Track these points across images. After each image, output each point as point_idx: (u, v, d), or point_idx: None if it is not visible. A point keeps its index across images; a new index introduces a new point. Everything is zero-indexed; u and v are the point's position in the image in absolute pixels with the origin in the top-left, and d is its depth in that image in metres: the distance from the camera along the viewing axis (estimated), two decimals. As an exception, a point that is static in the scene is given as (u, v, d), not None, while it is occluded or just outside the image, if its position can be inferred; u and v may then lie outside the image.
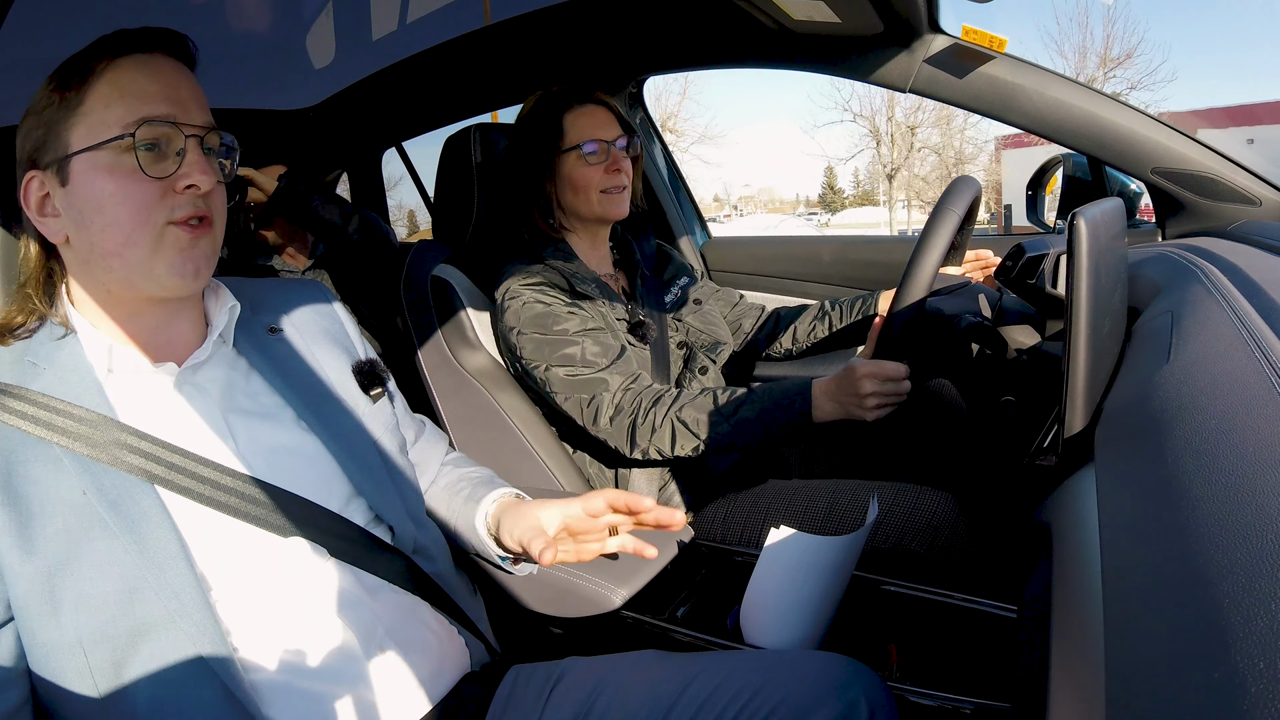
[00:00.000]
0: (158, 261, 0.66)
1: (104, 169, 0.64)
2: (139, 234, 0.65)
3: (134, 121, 0.64)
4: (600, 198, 1.23)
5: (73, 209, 0.65)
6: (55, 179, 0.65)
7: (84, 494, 0.62)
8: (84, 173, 0.64)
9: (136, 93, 0.65)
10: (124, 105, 0.64)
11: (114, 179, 0.64)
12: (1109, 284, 0.65)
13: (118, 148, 0.64)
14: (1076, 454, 0.61)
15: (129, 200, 0.64)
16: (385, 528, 0.76)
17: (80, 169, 0.64)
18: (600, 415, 1.13)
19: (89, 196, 0.64)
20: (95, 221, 0.65)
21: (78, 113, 0.64)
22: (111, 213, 0.64)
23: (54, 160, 0.65)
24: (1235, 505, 0.33)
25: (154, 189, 0.65)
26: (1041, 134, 1.29)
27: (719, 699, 0.68)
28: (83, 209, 0.65)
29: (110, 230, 0.65)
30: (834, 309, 1.40)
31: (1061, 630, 0.47)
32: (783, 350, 1.45)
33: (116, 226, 0.64)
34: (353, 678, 0.67)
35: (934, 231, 1.00)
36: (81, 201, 0.65)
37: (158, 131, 0.65)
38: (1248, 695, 0.24)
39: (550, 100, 1.24)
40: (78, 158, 0.64)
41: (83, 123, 0.64)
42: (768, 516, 1.14)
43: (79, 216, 0.65)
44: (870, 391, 1.00)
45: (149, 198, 0.65)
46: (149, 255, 0.66)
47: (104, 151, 0.64)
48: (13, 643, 0.60)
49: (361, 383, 0.83)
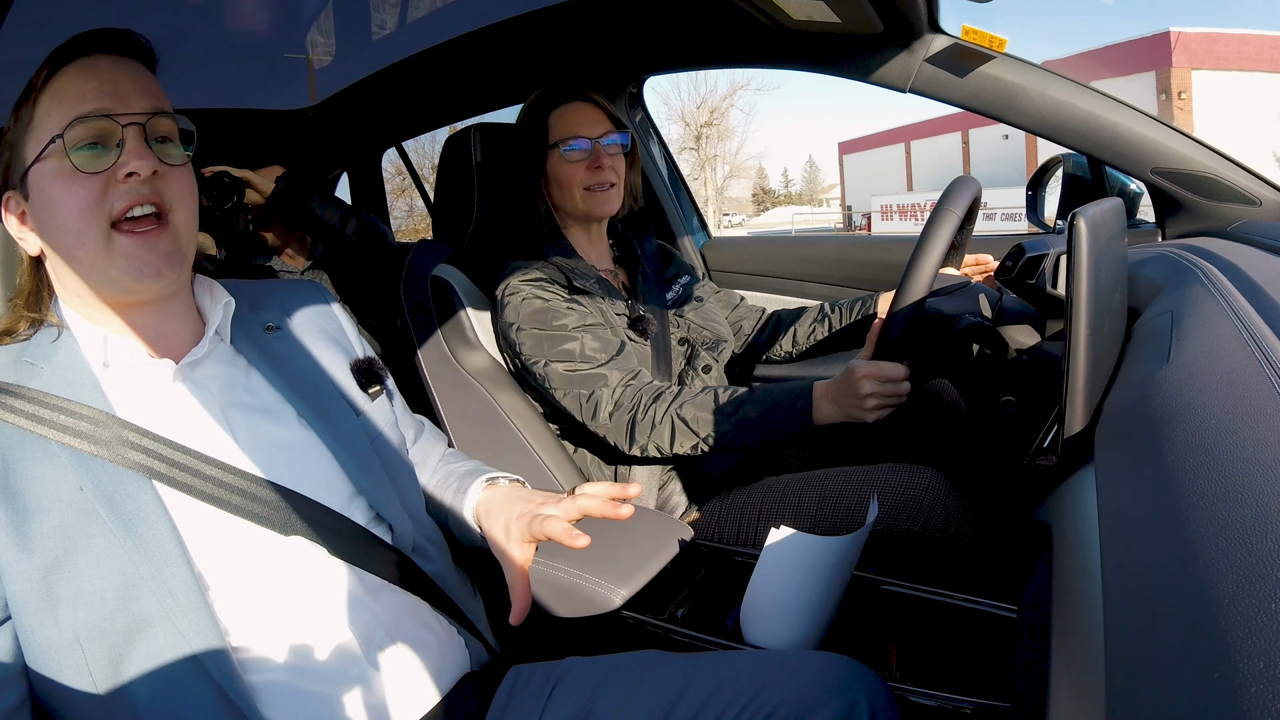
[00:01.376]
0: (111, 265, 0.66)
1: (49, 175, 0.65)
2: (86, 234, 0.65)
3: (67, 123, 0.65)
4: (584, 195, 1.23)
5: (36, 220, 0.67)
6: (21, 194, 0.68)
7: (81, 490, 0.62)
8: (36, 183, 0.66)
9: (73, 95, 0.65)
10: (61, 110, 0.65)
11: (58, 183, 0.65)
12: (1109, 284, 0.65)
13: (57, 152, 0.65)
14: (1076, 454, 0.61)
15: (71, 201, 0.65)
16: (385, 526, 0.76)
17: (34, 181, 0.66)
18: (599, 411, 1.13)
19: (43, 205, 0.66)
20: (49, 227, 0.66)
21: (29, 127, 0.66)
22: (60, 216, 0.66)
23: (18, 177, 0.67)
24: (1235, 505, 0.33)
25: (94, 185, 0.65)
26: (1042, 134, 1.29)
27: (719, 700, 0.68)
28: (40, 217, 0.67)
29: (61, 234, 0.66)
30: (834, 311, 1.40)
31: (1061, 630, 0.47)
32: (783, 353, 1.45)
33: (65, 229, 0.66)
34: (352, 678, 0.67)
35: (933, 233, 1.00)
36: (39, 211, 0.67)
37: (91, 127, 0.65)
38: (1248, 695, 0.24)
39: (540, 99, 1.26)
40: (31, 170, 0.66)
41: (32, 136, 0.66)
42: (761, 514, 1.14)
43: (40, 226, 0.67)
44: (870, 392, 1.00)
45: (90, 195, 0.65)
46: (101, 258, 0.66)
47: (49, 160, 0.65)
48: (10, 642, 0.60)
49: (360, 381, 0.83)
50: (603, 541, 1.04)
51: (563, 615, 1.02)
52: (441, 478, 0.91)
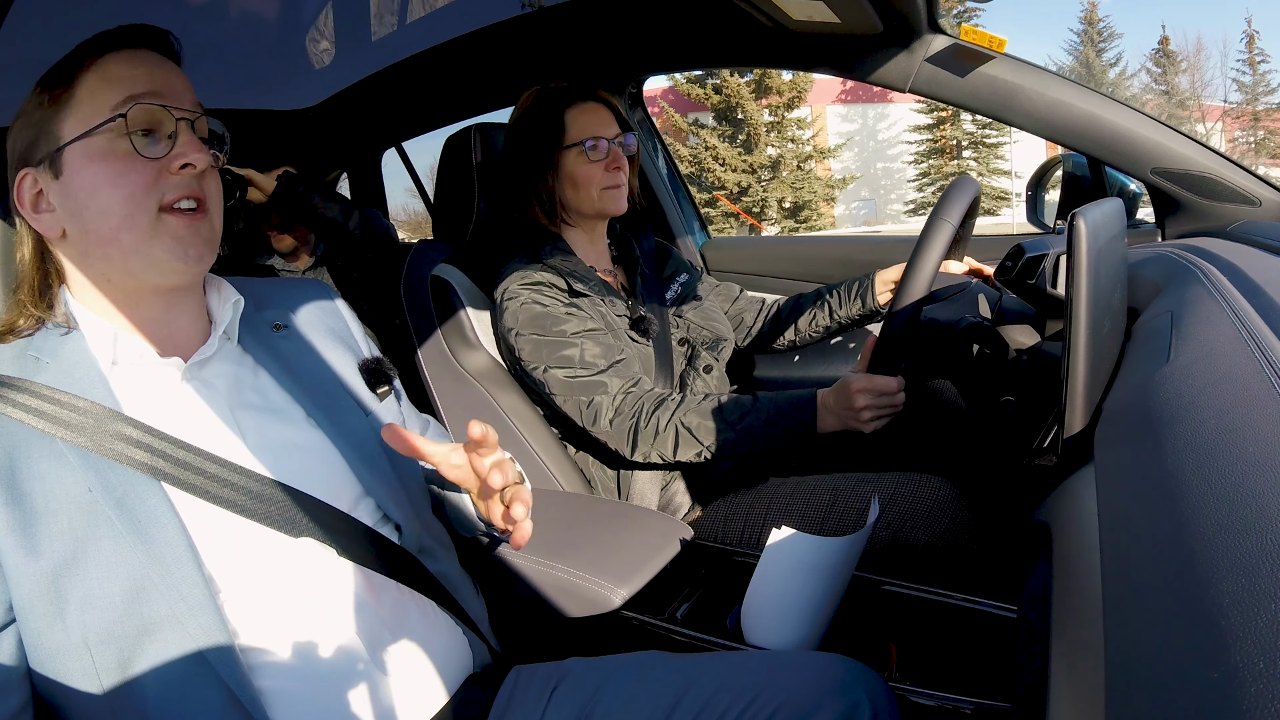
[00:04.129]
0: (155, 246, 0.66)
1: (98, 155, 0.64)
2: (135, 217, 0.65)
3: (123, 102, 0.64)
4: (601, 194, 1.24)
5: (68, 199, 0.65)
6: (48, 173, 0.66)
7: (89, 491, 0.61)
8: (77, 161, 0.65)
9: (124, 78, 0.65)
10: (112, 90, 0.65)
11: (108, 163, 0.64)
12: (1109, 284, 0.65)
13: (111, 132, 0.64)
14: (1076, 454, 0.61)
15: (123, 183, 0.65)
16: (392, 526, 0.76)
17: (73, 158, 0.65)
18: (600, 418, 1.13)
19: (83, 184, 0.65)
20: (90, 208, 0.65)
21: (67, 106, 0.65)
22: (106, 197, 0.65)
23: (46, 154, 0.65)
24: (1235, 505, 0.33)
25: (149, 171, 0.65)
26: (1041, 134, 1.29)
27: (720, 700, 0.68)
28: (77, 197, 0.65)
29: (105, 215, 0.65)
30: (831, 295, 1.40)
31: (1061, 630, 0.47)
32: (786, 343, 1.45)
33: (111, 211, 0.65)
34: (358, 679, 0.67)
35: (929, 239, 0.99)
36: (76, 190, 0.65)
37: (149, 113, 0.65)
38: (1248, 695, 0.24)
39: (551, 96, 1.25)
40: (70, 147, 0.65)
41: (73, 114, 0.65)
42: (769, 516, 1.14)
43: (74, 206, 0.65)
44: (864, 405, 1.02)
45: (144, 180, 0.65)
46: (146, 240, 0.66)
47: (97, 137, 0.64)
48: (14, 645, 0.60)
49: (368, 380, 0.83)
50: (603, 541, 1.04)
51: (563, 615, 1.02)
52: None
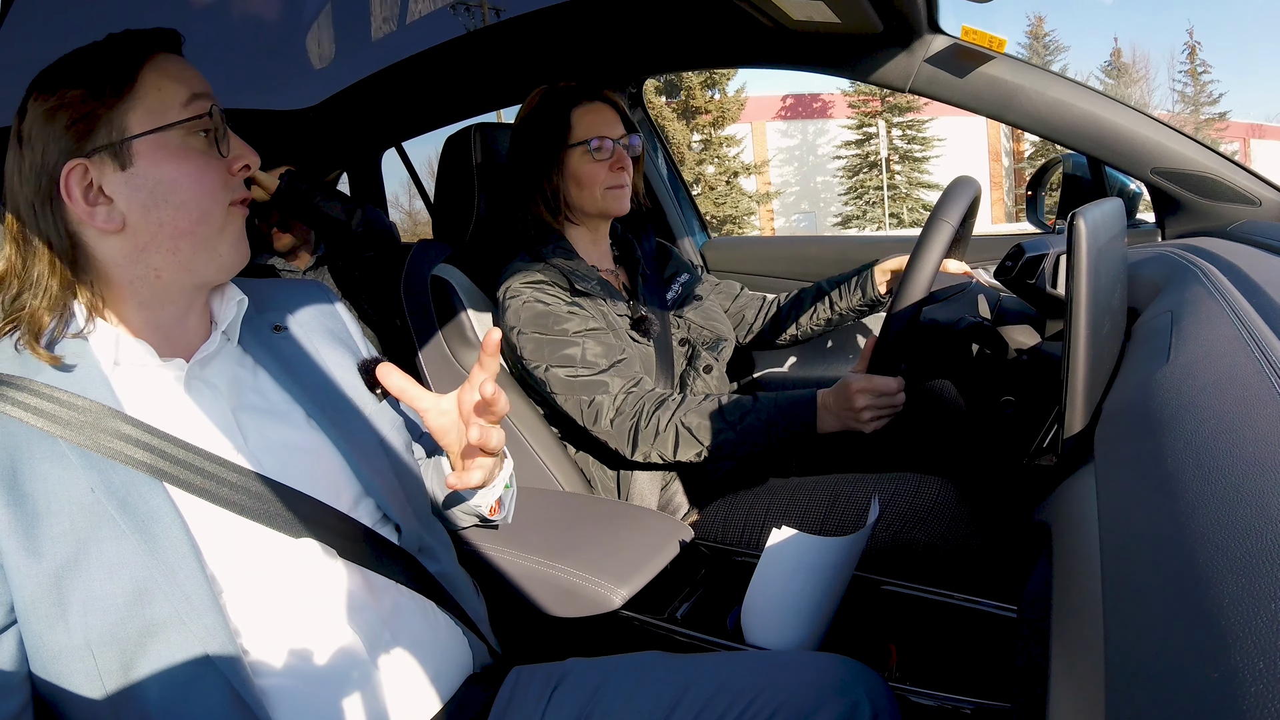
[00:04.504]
0: (222, 240, 0.69)
1: (177, 150, 0.66)
2: (213, 212, 0.68)
3: (191, 100, 0.67)
4: (605, 194, 1.24)
5: (140, 190, 0.65)
6: (110, 163, 0.64)
7: (92, 492, 0.61)
8: (151, 153, 0.65)
9: (182, 79, 0.67)
10: (175, 88, 0.66)
11: (189, 159, 0.66)
12: (1109, 284, 0.65)
13: (186, 128, 0.66)
14: (1076, 454, 0.61)
15: (205, 180, 0.67)
16: (392, 527, 0.76)
17: (147, 151, 0.65)
18: (600, 417, 1.13)
19: (161, 177, 0.65)
20: (170, 201, 0.66)
21: (132, 99, 0.65)
22: (188, 191, 0.66)
23: (107, 145, 0.64)
24: (1235, 505, 0.33)
25: (222, 169, 0.69)
26: (1041, 134, 1.29)
27: (720, 701, 0.68)
28: (154, 189, 0.65)
29: (186, 209, 0.67)
30: (832, 288, 1.40)
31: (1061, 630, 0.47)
32: (788, 338, 1.45)
33: (194, 204, 0.67)
34: (358, 680, 0.67)
35: (928, 240, 0.99)
36: (153, 183, 0.65)
37: (218, 114, 0.68)
38: (1248, 695, 0.24)
39: (558, 95, 1.25)
40: (142, 140, 0.65)
41: (139, 107, 0.65)
42: (769, 516, 1.14)
43: (148, 198, 0.65)
44: (864, 406, 1.02)
45: (220, 177, 0.69)
46: (217, 234, 0.69)
47: (174, 132, 0.66)
48: (14, 647, 0.59)
49: (368, 381, 0.83)
50: (603, 541, 1.04)
51: (563, 615, 1.02)
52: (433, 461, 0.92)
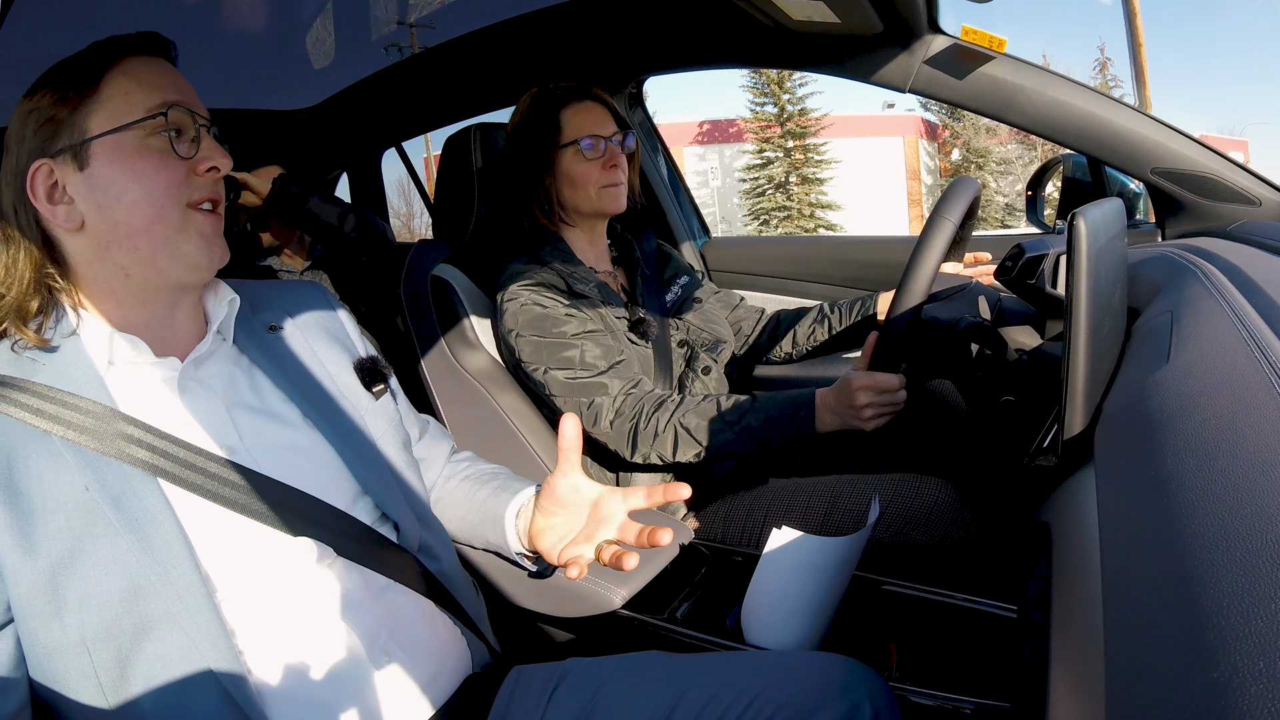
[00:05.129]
0: (184, 240, 0.69)
1: (132, 149, 0.66)
2: (168, 211, 0.68)
3: (158, 105, 0.67)
4: (599, 193, 1.24)
5: (95, 190, 0.66)
6: (70, 164, 0.66)
7: (86, 490, 0.61)
8: (108, 154, 0.66)
9: (154, 83, 0.68)
10: (143, 92, 0.67)
11: (144, 158, 0.67)
12: (1109, 284, 0.65)
13: (146, 129, 0.67)
14: (1076, 454, 0.61)
15: (159, 177, 0.67)
16: (390, 526, 0.76)
17: (103, 152, 0.66)
18: (600, 419, 1.13)
19: (115, 176, 0.66)
20: (123, 199, 0.66)
21: (95, 101, 0.66)
22: (139, 190, 0.67)
23: (68, 146, 0.66)
24: (1235, 505, 0.33)
25: (181, 169, 0.69)
26: (1041, 134, 1.29)
27: (721, 701, 0.68)
28: (108, 189, 0.66)
29: (139, 207, 0.67)
30: (833, 312, 1.40)
31: (1061, 630, 0.47)
32: (783, 354, 1.45)
33: (147, 203, 0.67)
34: (356, 680, 0.67)
35: (930, 238, 0.99)
36: (106, 182, 0.66)
37: (180, 116, 0.69)
38: (1248, 695, 0.24)
39: (548, 97, 1.25)
40: (100, 140, 0.66)
41: (102, 109, 0.66)
42: (769, 517, 1.14)
43: (101, 198, 0.66)
44: (866, 403, 1.02)
45: (177, 176, 0.68)
46: (176, 233, 0.68)
47: (131, 133, 0.66)
48: (12, 646, 0.60)
49: (364, 380, 0.83)
50: (603, 542, 1.04)
51: (563, 615, 1.02)
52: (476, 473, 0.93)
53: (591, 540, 0.77)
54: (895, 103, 19.67)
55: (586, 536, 0.77)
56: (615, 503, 0.77)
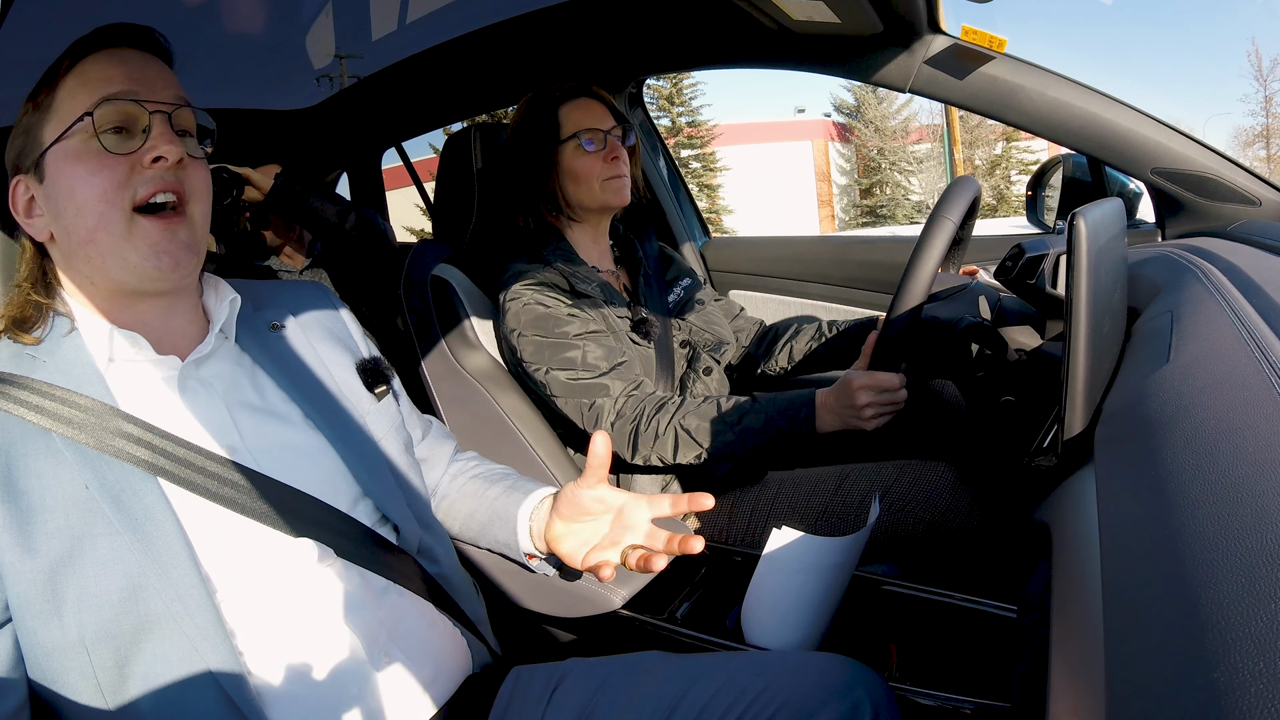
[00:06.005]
0: (130, 250, 0.66)
1: (72, 156, 0.65)
2: (109, 215, 0.65)
3: (94, 102, 0.65)
4: (603, 185, 1.24)
5: (50, 201, 0.66)
6: (34, 178, 0.67)
7: (86, 488, 0.61)
8: (55, 164, 0.66)
9: (100, 79, 0.66)
10: (86, 92, 0.65)
11: (82, 163, 0.65)
12: (1109, 284, 0.65)
13: (83, 132, 0.65)
14: (1076, 454, 0.61)
15: (95, 181, 0.65)
16: (390, 527, 0.76)
17: (52, 161, 0.66)
18: (601, 420, 1.13)
19: (61, 185, 0.66)
20: (68, 209, 0.66)
21: (50, 111, 0.66)
22: (81, 196, 0.65)
23: (32, 161, 0.66)
24: (1235, 505, 0.33)
25: (121, 167, 0.65)
26: (1041, 134, 1.29)
27: (721, 701, 0.68)
28: (57, 199, 0.66)
29: (81, 215, 0.65)
30: (832, 331, 1.37)
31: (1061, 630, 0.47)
32: (778, 368, 1.42)
33: (87, 210, 0.65)
34: (356, 681, 0.67)
35: (930, 238, 0.99)
36: (56, 192, 0.66)
37: (120, 109, 0.65)
38: (1248, 695, 0.24)
39: (546, 96, 1.26)
40: (50, 151, 0.65)
41: (54, 118, 0.66)
42: (770, 516, 1.14)
43: (55, 208, 0.66)
44: (866, 403, 1.02)
45: (116, 176, 0.65)
46: (121, 241, 0.66)
47: (72, 139, 0.65)
48: (11, 646, 0.59)
49: (366, 380, 0.83)
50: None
51: (563, 615, 1.02)
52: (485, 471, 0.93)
53: (617, 545, 0.77)
54: (805, 108, 20.52)
55: (611, 542, 0.78)
56: (640, 510, 0.77)
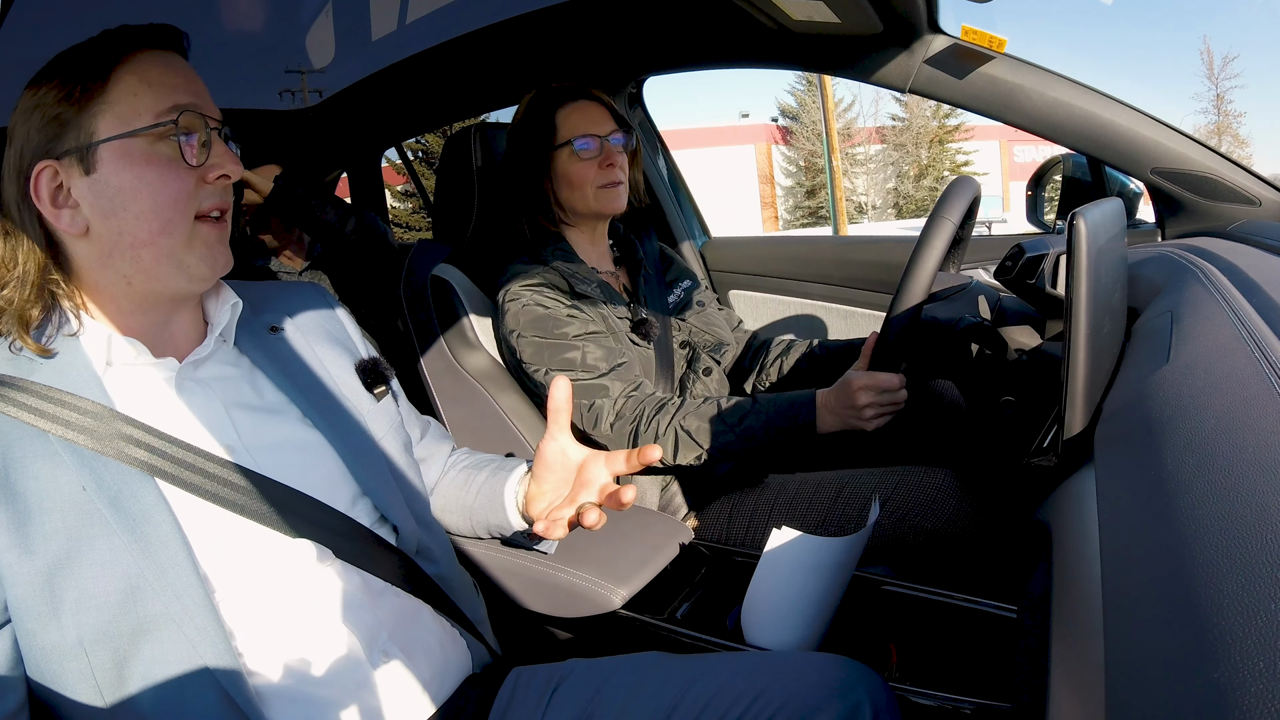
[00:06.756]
0: (189, 253, 0.67)
1: (139, 156, 0.64)
2: (175, 223, 0.66)
3: (168, 109, 0.64)
4: (597, 193, 1.23)
5: (101, 197, 0.64)
6: (76, 167, 0.64)
7: (84, 490, 0.61)
8: (115, 160, 0.64)
9: (163, 83, 0.65)
10: (153, 95, 0.64)
11: (153, 166, 0.64)
12: (1109, 284, 0.65)
13: (154, 135, 0.64)
14: (1076, 454, 0.61)
15: (168, 189, 0.65)
16: (389, 528, 0.76)
17: (110, 156, 0.64)
18: (600, 421, 1.13)
19: (124, 184, 0.64)
20: (128, 209, 0.64)
21: (103, 102, 0.63)
22: (148, 200, 0.64)
23: (74, 148, 0.63)
24: (1235, 505, 0.33)
25: (191, 178, 0.66)
26: (1042, 134, 1.29)
27: (721, 702, 0.68)
28: (114, 197, 0.64)
29: (146, 218, 0.65)
30: (823, 352, 1.35)
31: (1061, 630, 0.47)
32: (766, 383, 1.41)
33: (154, 214, 0.65)
34: (355, 682, 0.67)
35: (929, 239, 0.99)
36: (113, 190, 0.64)
37: (191, 120, 0.66)
38: (1248, 695, 0.24)
39: (543, 97, 1.25)
40: (107, 145, 0.63)
41: (109, 111, 0.63)
42: (770, 516, 1.14)
43: (108, 205, 0.64)
44: (867, 403, 1.02)
45: (186, 187, 0.66)
46: (182, 246, 0.67)
47: (140, 139, 0.64)
48: (10, 647, 0.59)
49: (365, 381, 0.83)
50: (603, 542, 1.04)
51: (563, 616, 1.02)
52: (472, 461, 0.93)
53: (574, 503, 0.77)
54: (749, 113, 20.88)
55: (570, 500, 0.78)
56: (598, 466, 0.77)
